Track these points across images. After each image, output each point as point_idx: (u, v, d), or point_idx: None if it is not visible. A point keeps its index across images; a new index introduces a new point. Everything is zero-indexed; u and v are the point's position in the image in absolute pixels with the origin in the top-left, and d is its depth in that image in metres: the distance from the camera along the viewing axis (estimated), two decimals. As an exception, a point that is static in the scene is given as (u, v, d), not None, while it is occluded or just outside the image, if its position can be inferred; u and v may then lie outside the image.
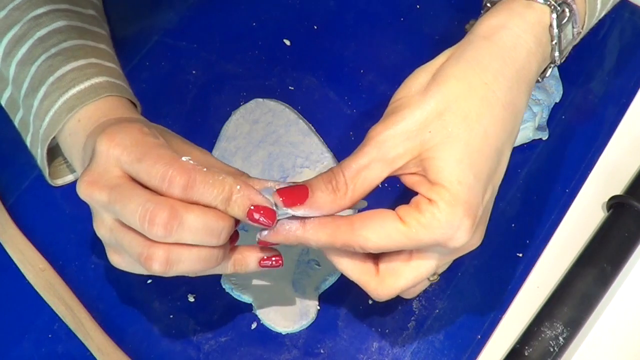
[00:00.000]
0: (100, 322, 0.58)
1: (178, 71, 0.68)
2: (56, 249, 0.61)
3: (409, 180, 0.48)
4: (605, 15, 0.61)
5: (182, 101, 0.67)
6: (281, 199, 0.47)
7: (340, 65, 0.68)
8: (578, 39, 0.54)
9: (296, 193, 0.47)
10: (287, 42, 0.70)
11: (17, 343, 0.58)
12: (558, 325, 0.57)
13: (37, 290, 0.60)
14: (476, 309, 0.59)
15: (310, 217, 0.48)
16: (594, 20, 0.56)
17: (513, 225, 0.62)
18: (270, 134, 0.65)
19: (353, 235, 0.46)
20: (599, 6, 0.55)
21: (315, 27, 0.70)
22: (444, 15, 0.70)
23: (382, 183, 0.48)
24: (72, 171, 0.63)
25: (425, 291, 0.60)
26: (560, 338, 0.57)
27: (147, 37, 0.70)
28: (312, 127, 0.65)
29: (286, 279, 0.59)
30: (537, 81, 0.52)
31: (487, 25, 0.49)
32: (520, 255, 0.61)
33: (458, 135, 0.46)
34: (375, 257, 0.50)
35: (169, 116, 0.66)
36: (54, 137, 0.57)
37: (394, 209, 0.47)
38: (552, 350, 0.56)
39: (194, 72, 0.68)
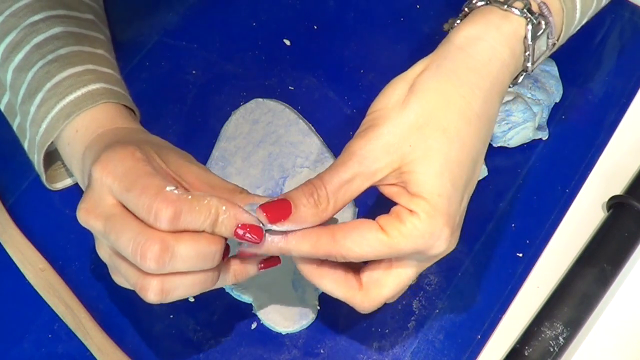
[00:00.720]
0: (100, 322, 0.59)
1: (178, 71, 0.68)
2: (56, 249, 0.61)
3: (388, 191, 0.48)
4: (605, 15, 0.62)
5: (182, 101, 0.67)
6: (265, 214, 0.47)
7: (340, 65, 0.68)
8: (554, 49, 0.55)
9: (279, 208, 0.47)
10: (287, 42, 0.70)
11: (17, 343, 0.58)
12: (558, 325, 0.57)
13: (37, 290, 0.60)
14: (476, 308, 0.59)
15: (291, 230, 0.48)
16: (572, 30, 0.56)
17: (513, 225, 0.62)
18: (270, 134, 0.65)
19: (335, 245, 0.47)
20: (577, 17, 0.55)
21: (315, 27, 0.70)
22: (444, 15, 0.70)
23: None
24: (71, 175, 0.63)
25: (425, 291, 0.60)
26: (560, 338, 0.57)
27: (147, 37, 0.70)
28: (312, 127, 0.65)
29: (286, 279, 0.59)
30: (509, 86, 0.53)
31: (463, 36, 0.50)
32: (521, 255, 0.61)
33: (438, 149, 0.47)
34: (356, 270, 0.51)
35: (169, 116, 0.66)
36: (52, 142, 0.57)
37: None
38: (552, 350, 0.56)
39: (194, 72, 0.68)
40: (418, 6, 0.71)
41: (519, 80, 0.54)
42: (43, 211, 0.63)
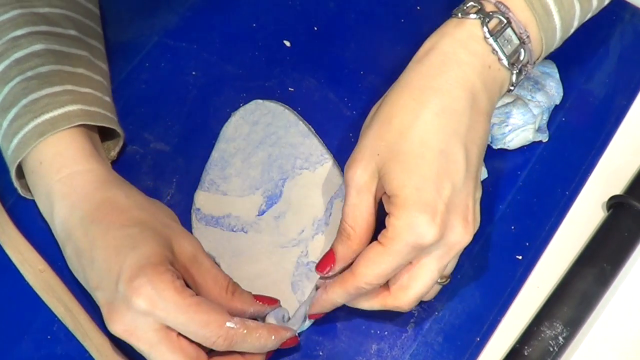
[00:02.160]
0: (99, 323, 0.58)
1: (178, 72, 0.68)
2: (56, 250, 0.60)
3: (385, 204, 0.53)
4: (606, 17, 0.61)
5: (182, 102, 0.67)
6: (323, 272, 0.55)
7: (340, 66, 0.68)
8: (539, 42, 0.56)
9: (328, 259, 0.54)
10: (287, 43, 0.69)
11: (16, 344, 0.58)
12: (558, 325, 0.57)
13: (37, 291, 0.60)
14: (475, 311, 0.59)
15: (327, 282, 0.55)
16: (557, 24, 0.56)
17: (513, 227, 0.62)
18: (269, 135, 0.64)
19: (355, 277, 0.52)
20: (552, 10, 0.55)
21: (316, 29, 0.70)
22: (444, 17, 0.69)
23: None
24: None
25: (424, 293, 0.60)
26: (560, 338, 0.57)
27: (147, 38, 0.70)
28: (312, 129, 0.65)
29: (285, 281, 0.59)
30: (509, 90, 0.56)
31: (421, 49, 0.55)
32: (520, 257, 0.61)
33: (398, 150, 0.51)
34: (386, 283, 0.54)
35: (169, 117, 0.66)
36: None
37: None
38: (551, 350, 0.56)
39: (193, 73, 0.68)
40: (418, 7, 0.71)
41: (519, 79, 0.56)
42: (43, 212, 0.63)
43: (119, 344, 0.58)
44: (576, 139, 0.65)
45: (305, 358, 0.58)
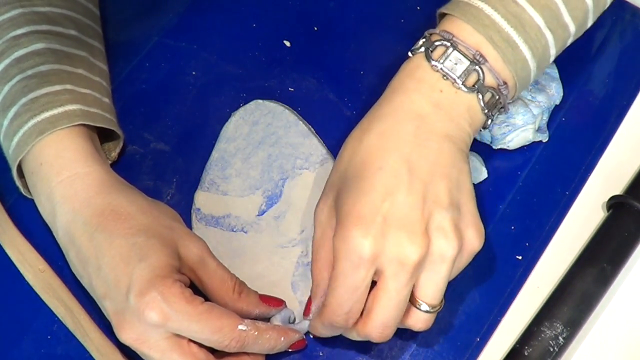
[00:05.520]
0: (99, 323, 0.58)
1: (178, 72, 0.68)
2: (56, 250, 0.60)
3: None
4: (606, 17, 0.61)
5: (182, 102, 0.67)
6: (309, 315, 0.56)
7: (341, 66, 0.68)
8: (503, 66, 0.55)
9: (309, 301, 0.56)
10: (287, 43, 0.69)
11: (16, 344, 0.58)
12: (558, 325, 0.57)
13: (37, 291, 0.60)
14: (475, 311, 0.59)
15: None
16: (528, 57, 0.55)
17: (512, 227, 0.62)
18: (269, 135, 0.64)
19: (324, 308, 0.53)
20: (517, 41, 0.54)
21: (316, 29, 0.70)
22: (444, 17, 0.70)
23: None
24: None
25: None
26: (560, 338, 0.57)
27: (147, 38, 0.70)
28: (312, 129, 0.65)
29: (285, 281, 0.59)
30: (487, 116, 0.55)
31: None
32: (520, 257, 0.61)
33: (346, 176, 0.53)
34: None
35: (169, 117, 0.66)
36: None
37: None
38: (551, 350, 0.56)
39: (193, 72, 0.68)
40: (418, 7, 0.71)
41: (490, 102, 0.55)
42: (42, 212, 0.63)
43: (120, 344, 0.58)
44: (576, 139, 0.65)
45: (305, 358, 0.58)
